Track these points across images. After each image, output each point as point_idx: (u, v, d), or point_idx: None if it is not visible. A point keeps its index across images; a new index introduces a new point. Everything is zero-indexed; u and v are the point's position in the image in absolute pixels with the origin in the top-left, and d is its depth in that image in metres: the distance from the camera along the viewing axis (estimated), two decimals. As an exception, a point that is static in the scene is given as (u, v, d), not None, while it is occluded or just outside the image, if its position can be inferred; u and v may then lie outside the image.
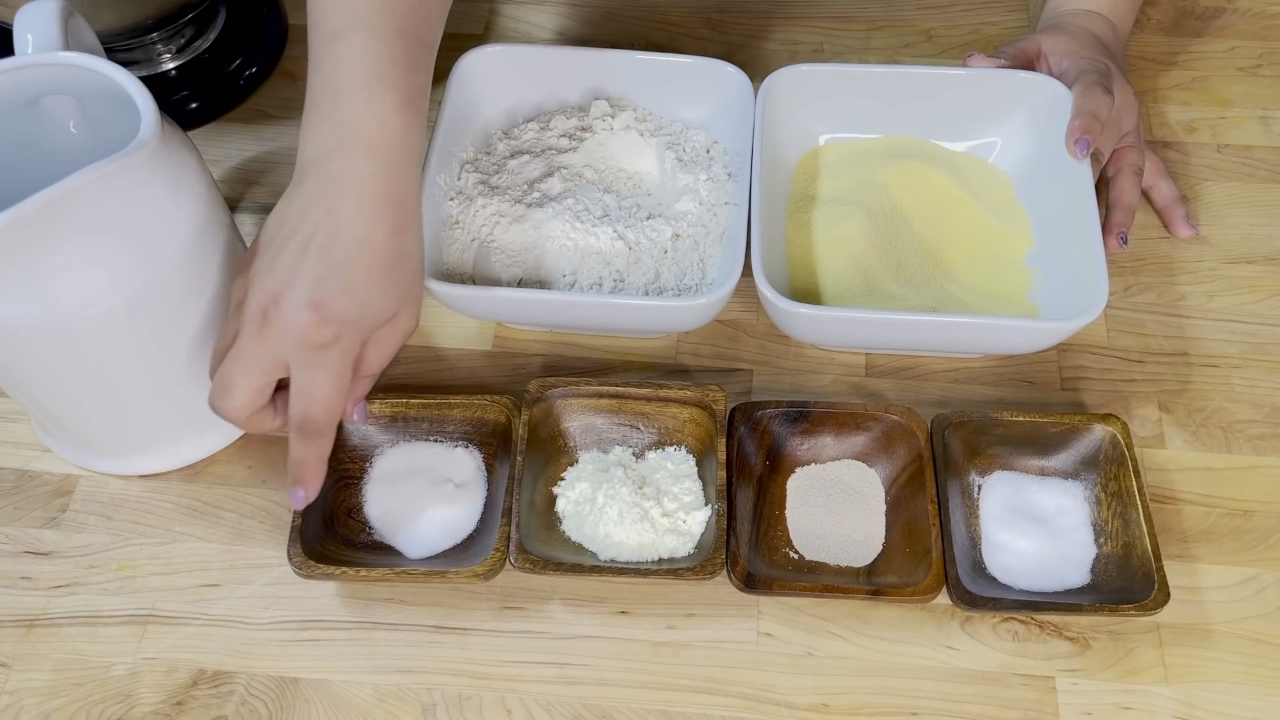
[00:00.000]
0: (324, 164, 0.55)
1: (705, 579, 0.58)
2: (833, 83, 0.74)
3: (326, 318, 0.53)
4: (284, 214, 0.55)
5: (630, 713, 0.59)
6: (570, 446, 0.66)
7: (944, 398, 0.69)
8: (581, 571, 0.59)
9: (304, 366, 0.54)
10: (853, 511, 0.63)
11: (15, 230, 0.51)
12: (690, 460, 0.65)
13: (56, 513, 0.66)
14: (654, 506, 0.61)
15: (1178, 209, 0.75)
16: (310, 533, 0.61)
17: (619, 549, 0.61)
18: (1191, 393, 0.69)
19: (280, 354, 0.54)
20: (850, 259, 0.70)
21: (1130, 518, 0.61)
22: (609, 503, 0.61)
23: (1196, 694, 0.59)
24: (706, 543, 0.61)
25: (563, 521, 0.63)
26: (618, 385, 0.65)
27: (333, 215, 0.54)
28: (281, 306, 0.53)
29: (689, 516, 0.62)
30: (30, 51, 0.57)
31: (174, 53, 0.85)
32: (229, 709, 0.59)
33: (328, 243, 0.54)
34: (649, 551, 0.61)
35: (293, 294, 0.53)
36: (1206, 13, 0.88)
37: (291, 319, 0.53)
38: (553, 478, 0.64)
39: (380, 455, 0.66)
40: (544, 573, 0.59)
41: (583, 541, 0.62)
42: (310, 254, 0.53)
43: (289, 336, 0.53)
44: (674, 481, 0.63)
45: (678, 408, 0.65)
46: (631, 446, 0.66)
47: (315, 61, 0.57)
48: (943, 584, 0.59)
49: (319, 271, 0.53)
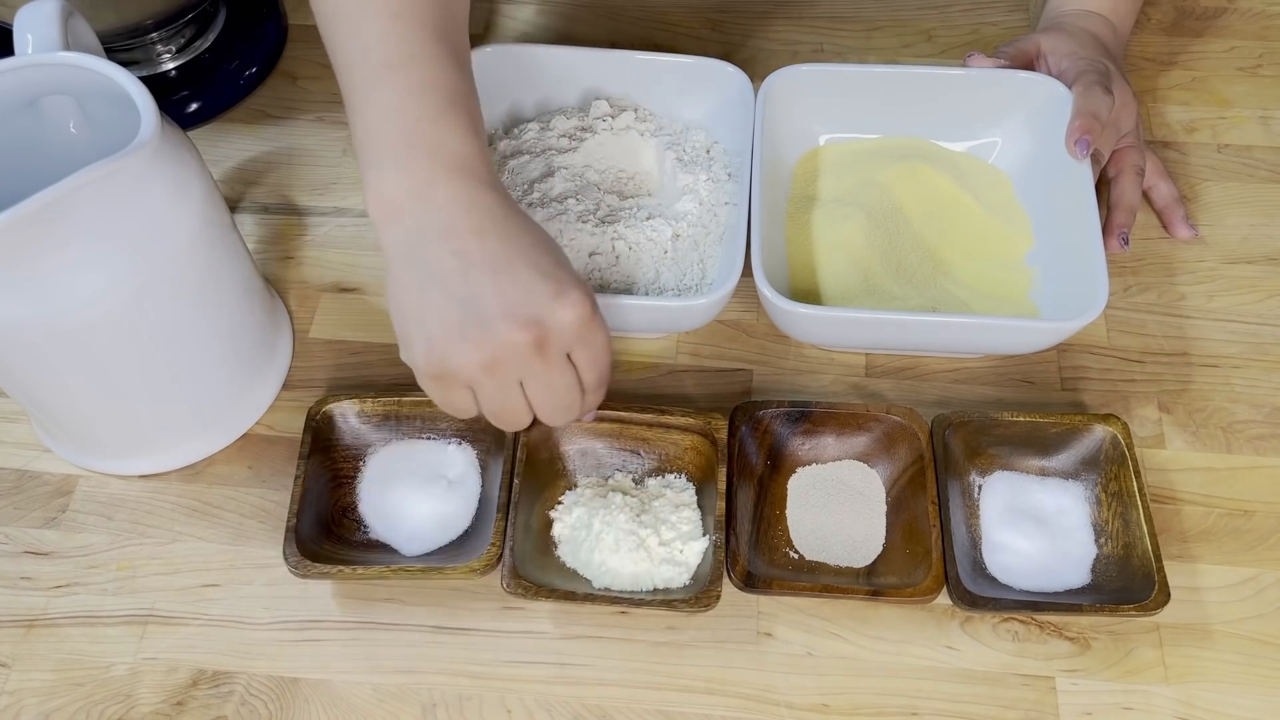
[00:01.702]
0: (426, 193, 0.53)
1: (699, 611, 0.58)
2: (833, 83, 0.74)
3: (525, 321, 0.52)
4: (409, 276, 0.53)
5: (630, 713, 0.59)
6: (569, 470, 0.65)
7: (944, 398, 0.69)
8: (574, 599, 0.59)
9: (536, 377, 0.54)
10: (853, 512, 0.63)
11: (15, 230, 0.51)
12: (690, 489, 0.64)
13: (56, 513, 0.66)
14: (651, 535, 0.61)
15: (1177, 210, 0.75)
16: (306, 532, 0.61)
17: (614, 577, 0.60)
18: (1191, 393, 0.69)
19: (511, 377, 0.53)
20: (850, 259, 0.70)
21: (1131, 518, 0.61)
22: (605, 530, 0.61)
23: (1196, 694, 0.59)
24: (703, 574, 0.60)
25: (558, 546, 0.62)
26: (619, 410, 0.65)
27: (459, 235, 0.52)
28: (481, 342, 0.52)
29: (686, 547, 0.61)
30: (30, 51, 0.57)
31: (174, 53, 0.85)
32: (229, 709, 0.59)
33: (476, 261, 0.52)
34: (644, 581, 0.60)
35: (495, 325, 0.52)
36: (1206, 13, 0.88)
37: (504, 343, 0.52)
38: (550, 501, 0.64)
39: (374, 454, 0.66)
40: (537, 599, 0.58)
41: (577, 568, 0.61)
42: (468, 282, 0.52)
43: (512, 362, 0.52)
44: (672, 510, 0.62)
45: (679, 434, 0.65)
46: (631, 472, 0.65)
47: (369, 92, 0.54)
48: (942, 585, 0.58)
49: (488, 290, 0.52)
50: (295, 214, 0.79)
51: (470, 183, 0.53)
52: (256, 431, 0.69)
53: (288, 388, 0.70)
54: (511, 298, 0.52)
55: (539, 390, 0.54)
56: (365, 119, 0.54)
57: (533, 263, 0.53)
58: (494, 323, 0.51)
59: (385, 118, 0.54)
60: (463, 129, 0.54)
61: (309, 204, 0.79)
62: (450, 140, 0.54)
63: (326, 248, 0.77)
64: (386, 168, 0.53)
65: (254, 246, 0.77)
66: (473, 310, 0.52)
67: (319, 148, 0.82)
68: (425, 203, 0.53)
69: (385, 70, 0.54)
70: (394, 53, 0.54)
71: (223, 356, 0.65)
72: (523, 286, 0.52)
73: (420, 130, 0.53)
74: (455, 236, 0.52)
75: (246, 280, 0.66)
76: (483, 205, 0.53)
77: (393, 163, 0.53)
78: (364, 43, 0.55)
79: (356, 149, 0.55)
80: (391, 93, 0.54)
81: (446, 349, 0.52)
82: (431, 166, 0.53)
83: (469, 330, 0.52)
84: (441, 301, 0.52)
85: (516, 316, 0.52)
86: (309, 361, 0.72)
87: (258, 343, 0.68)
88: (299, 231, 0.78)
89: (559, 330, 0.53)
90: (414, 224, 0.53)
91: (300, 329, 0.73)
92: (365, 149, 0.54)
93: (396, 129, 0.53)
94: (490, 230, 0.53)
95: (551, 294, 0.52)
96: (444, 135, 0.53)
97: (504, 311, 0.52)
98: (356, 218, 0.79)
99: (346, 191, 0.80)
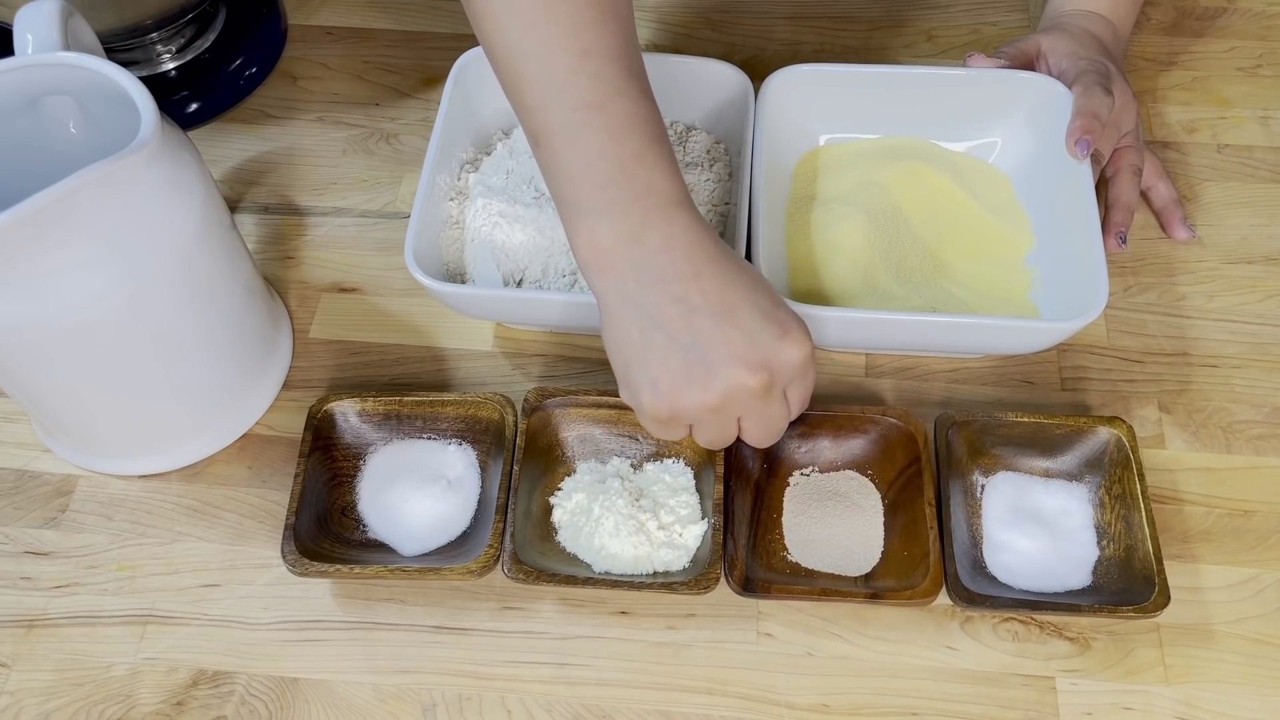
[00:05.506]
0: (640, 239, 0.53)
1: (700, 593, 0.58)
2: (833, 83, 0.74)
3: (754, 366, 0.53)
4: (629, 322, 0.54)
5: (630, 713, 0.59)
6: (568, 456, 0.65)
7: (944, 398, 0.69)
8: (575, 583, 0.59)
9: (757, 414, 0.55)
10: (850, 525, 0.63)
11: (15, 230, 0.51)
12: (688, 473, 0.64)
13: (56, 513, 0.66)
14: (650, 519, 0.61)
15: (1175, 211, 0.75)
16: (304, 531, 0.61)
17: (614, 561, 0.61)
18: (1191, 393, 0.69)
19: (734, 416, 0.55)
20: (850, 259, 0.70)
21: (1133, 520, 0.61)
22: (605, 514, 0.61)
23: (1196, 694, 0.59)
24: (702, 557, 0.60)
25: (558, 532, 0.63)
26: (617, 395, 0.65)
27: (678, 280, 0.53)
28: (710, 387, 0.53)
29: (685, 530, 0.61)
30: (30, 51, 0.57)
31: (174, 53, 0.85)
32: (229, 709, 0.59)
33: (698, 306, 0.52)
34: (644, 564, 0.60)
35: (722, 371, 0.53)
36: (1206, 13, 0.88)
37: (733, 388, 0.53)
38: (549, 487, 0.64)
39: (374, 453, 0.66)
40: (537, 583, 0.58)
41: (578, 553, 0.62)
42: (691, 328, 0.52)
43: (738, 405, 0.54)
44: (671, 494, 0.63)
45: None
46: (629, 458, 0.65)
47: (570, 135, 0.53)
48: (940, 588, 0.58)
49: (713, 335, 0.52)
50: (295, 214, 0.79)
51: (681, 223, 0.53)
52: (256, 431, 0.69)
53: (288, 388, 0.70)
54: (737, 343, 0.52)
55: (756, 424, 0.56)
56: (568, 163, 0.53)
57: (754, 304, 0.53)
58: (721, 368, 0.52)
59: (589, 162, 0.53)
60: (666, 165, 0.53)
61: (309, 204, 0.79)
62: (657, 180, 0.53)
63: (326, 248, 0.77)
64: (597, 215, 0.53)
65: (254, 246, 0.77)
66: (698, 356, 0.53)
67: (319, 148, 0.82)
68: (640, 248, 0.53)
69: (585, 112, 0.52)
70: (589, 92, 0.52)
71: (222, 356, 0.65)
72: (746, 331, 0.53)
73: (628, 173, 0.52)
74: (674, 281, 0.53)
75: (246, 280, 0.66)
76: (696, 247, 0.53)
77: (603, 210, 0.53)
78: (558, 82, 0.53)
79: (557, 195, 0.54)
80: (594, 134, 0.52)
81: (675, 395, 0.53)
82: (644, 210, 0.52)
83: (695, 376, 0.53)
84: (666, 347, 0.53)
85: (745, 362, 0.52)
86: (309, 361, 0.72)
87: (258, 343, 0.68)
88: (299, 231, 0.78)
89: (784, 372, 0.54)
90: (630, 270, 0.53)
91: (300, 329, 0.73)
92: (570, 195, 0.53)
93: (602, 173, 0.52)
94: (707, 273, 0.53)
95: (776, 336, 0.53)
96: (651, 175, 0.53)
97: (730, 357, 0.52)
98: (357, 218, 0.79)
99: (346, 191, 0.80)
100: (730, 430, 0.56)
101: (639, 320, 0.53)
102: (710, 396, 0.53)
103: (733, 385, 0.53)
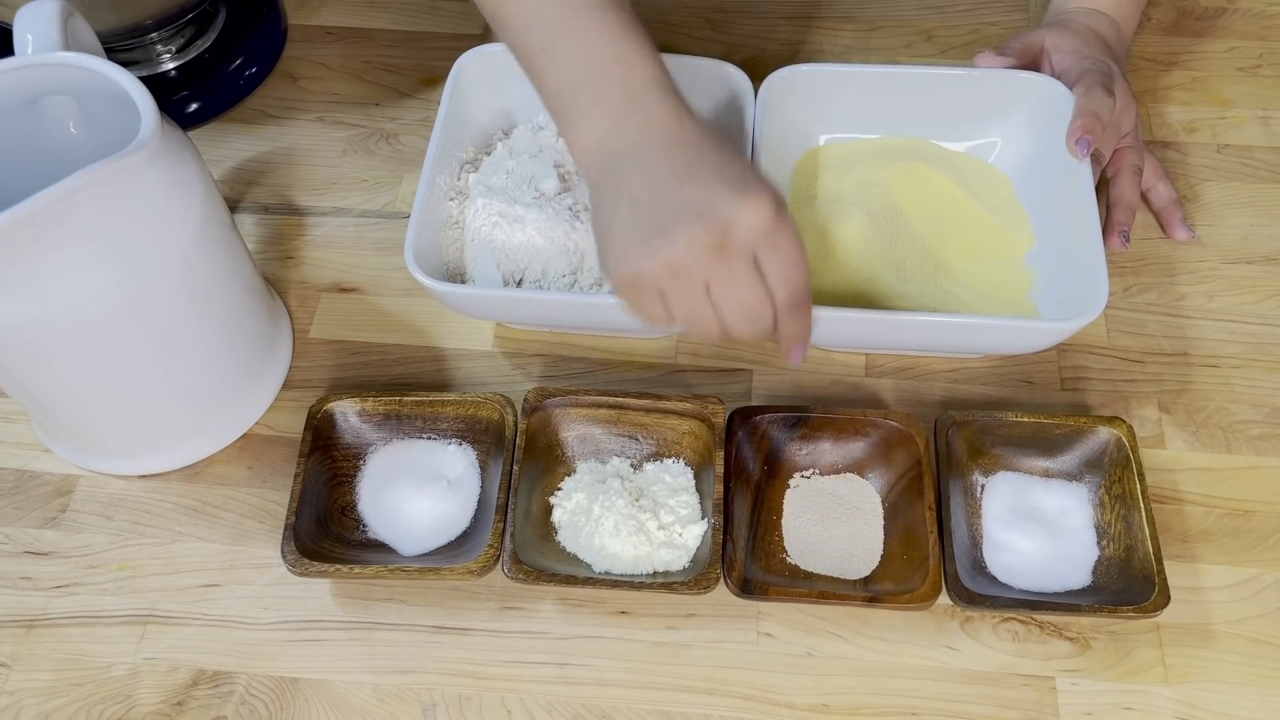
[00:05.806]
0: (621, 127, 0.55)
1: (699, 593, 0.58)
2: (833, 83, 0.74)
3: (707, 220, 0.52)
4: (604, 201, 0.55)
5: (630, 713, 0.59)
6: (568, 456, 0.65)
7: (944, 398, 0.69)
8: (575, 583, 0.59)
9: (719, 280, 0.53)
10: (849, 529, 0.63)
11: (15, 230, 0.51)
12: (688, 473, 0.64)
13: (56, 513, 0.66)
14: (650, 519, 0.61)
15: (1175, 211, 0.75)
16: (304, 531, 0.61)
17: (614, 561, 0.61)
18: (1191, 393, 0.69)
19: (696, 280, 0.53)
20: (850, 259, 0.70)
21: (1133, 521, 0.61)
22: (605, 514, 0.61)
23: (1196, 694, 0.59)
24: (702, 557, 0.60)
25: (558, 532, 0.63)
26: (616, 395, 0.65)
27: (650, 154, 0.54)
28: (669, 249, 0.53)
29: (685, 530, 0.61)
30: (30, 51, 0.57)
31: (174, 53, 0.85)
32: (229, 709, 0.59)
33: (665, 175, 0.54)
34: (644, 564, 0.60)
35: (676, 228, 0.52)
36: (1206, 13, 0.88)
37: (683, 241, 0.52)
38: (549, 487, 0.64)
39: (374, 453, 0.66)
40: (537, 583, 0.58)
41: (578, 553, 0.62)
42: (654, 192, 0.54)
43: (695, 264, 0.53)
44: (671, 494, 0.63)
45: (677, 419, 0.65)
46: (629, 458, 0.65)
47: (550, 53, 0.57)
48: (939, 591, 0.58)
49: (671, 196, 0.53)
50: (295, 214, 0.79)
51: (660, 108, 0.55)
52: (256, 431, 0.69)
53: (288, 387, 0.70)
54: (692, 199, 0.53)
55: (723, 294, 0.54)
56: (553, 77, 0.57)
57: (718, 169, 0.54)
58: (674, 224, 0.53)
59: (569, 69, 0.56)
60: (642, 59, 0.56)
61: (309, 204, 0.79)
62: (636, 73, 0.55)
63: (326, 248, 0.77)
64: (584, 118, 0.56)
65: (254, 246, 0.77)
66: (656, 216, 0.53)
67: (319, 148, 0.82)
68: (621, 139, 0.55)
69: (560, 28, 0.56)
70: (563, 9, 0.56)
71: (222, 356, 0.65)
72: (705, 188, 0.53)
73: (606, 73, 0.55)
74: (646, 156, 0.54)
75: (246, 280, 0.66)
76: (675, 127, 0.55)
77: (588, 112, 0.56)
78: (531, 9, 0.57)
79: (551, 110, 0.58)
80: (571, 45, 0.56)
81: (635, 255, 0.54)
82: (625, 102, 0.55)
83: (652, 235, 0.53)
84: (629, 214, 0.54)
85: (697, 214, 0.52)
86: (309, 361, 0.72)
87: (258, 343, 0.68)
88: (299, 231, 0.78)
89: (740, 230, 0.52)
90: (610, 157, 0.55)
91: (300, 329, 0.73)
92: (559, 106, 0.57)
93: (582, 78, 0.56)
94: (679, 147, 0.54)
95: (735, 193, 0.53)
96: (629, 72, 0.55)
97: (683, 212, 0.52)
98: (357, 218, 0.79)
99: (346, 191, 0.80)
100: (702, 304, 0.54)
101: (612, 197, 0.55)
102: (665, 254, 0.52)
103: (687, 239, 0.52)
